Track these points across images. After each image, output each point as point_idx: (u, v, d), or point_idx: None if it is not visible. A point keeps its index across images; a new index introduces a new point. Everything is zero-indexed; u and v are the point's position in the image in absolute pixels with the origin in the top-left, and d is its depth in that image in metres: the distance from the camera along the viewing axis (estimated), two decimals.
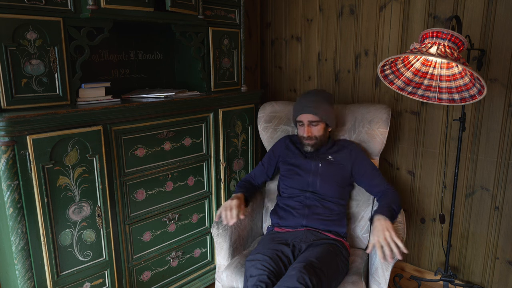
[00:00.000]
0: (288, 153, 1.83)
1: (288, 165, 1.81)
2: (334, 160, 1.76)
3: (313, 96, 1.75)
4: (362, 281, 1.50)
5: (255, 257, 1.48)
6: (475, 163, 1.98)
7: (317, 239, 1.61)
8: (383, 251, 1.37)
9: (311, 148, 1.74)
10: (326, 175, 1.73)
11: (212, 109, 2.00)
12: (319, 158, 1.76)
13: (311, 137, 1.72)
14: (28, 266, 1.43)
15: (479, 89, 1.45)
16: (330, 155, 1.77)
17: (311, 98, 1.73)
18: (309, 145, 1.74)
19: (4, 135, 1.31)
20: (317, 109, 1.69)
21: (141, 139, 1.72)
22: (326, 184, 1.72)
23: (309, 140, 1.73)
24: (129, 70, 2.04)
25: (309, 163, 1.76)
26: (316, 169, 1.74)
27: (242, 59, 2.23)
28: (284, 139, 1.90)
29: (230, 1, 2.11)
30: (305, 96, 1.76)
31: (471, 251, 2.06)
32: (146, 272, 1.85)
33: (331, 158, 1.76)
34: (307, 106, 1.70)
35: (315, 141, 1.73)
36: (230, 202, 1.58)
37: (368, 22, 2.21)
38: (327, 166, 1.74)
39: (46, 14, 1.43)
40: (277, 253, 1.50)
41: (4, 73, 1.36)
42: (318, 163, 1.74)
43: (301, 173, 1.75)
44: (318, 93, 1.77)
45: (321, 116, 1.70)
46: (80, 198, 1.53)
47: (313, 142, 1.73)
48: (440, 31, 1.43)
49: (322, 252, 1.48)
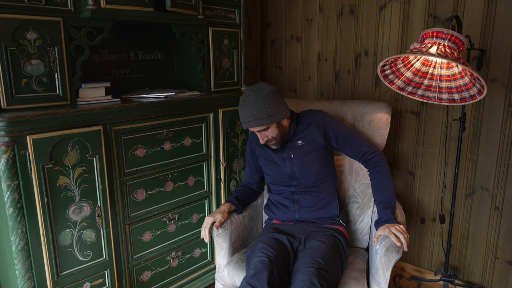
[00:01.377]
0: (260, 149, 1.78)
1: (264, 161, 1.78)
2: (304, 143, 1.68)
3: (250, 104, 1.55)
4: (364, 278, 1.50)
5: (255, 247, 1.52)
6: (475, 163, 1.98)
7: (315, 230, 1.64)
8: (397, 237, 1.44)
9: (276, 146, 1.67)
10: (302, 162, 1.67)
11: (212, 109, 2.00)
12: (288, 147, 1.69)
13: (269, 140, 1.63)
14: (28, 266, 1.43)
15: (479, 89, 1.45)
16: (299, 139, 1.69)
17: (249, 108, 1.55)
18: (272, 145, 1.67)
19: (4, 135, 1.31)
20: (260, 120, 1.54)
21: (141, 139, 1.72)
22: (305, 170, 1.68)
23: (269, 142, 1.65)
24: (129, 70, 2.04)
25: (281, 156, 1.70)
26: (290, 160, 1.69)
27: (242, 59, 2.23)
28: (253, 134, 1.81)
29: (230, 1, 2.11)
30: (243, 105, 1.58)
31: (471, 251, 2.06)
32: (146, 272, 1.85)
33: (301, 142, 1.68)
34: (249, 121, 1.56)
35: (275, 141, 1.64)
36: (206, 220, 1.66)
37: (368, 22, 2.21)
38: (299, 153, 1.68)
39: (46, 14, 1.43)
40: (276, 241, 1.54)
41: (4, 73, 1.36)
42: (289, 154, 1.69)
43: (278, 167, 1.72)
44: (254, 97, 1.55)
45: (266, 123, 1.55)
46: (80, 198, 1.53)
47: (273, 142, 1.65)
48: (440, 31, 1.43)
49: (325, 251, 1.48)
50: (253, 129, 1.60)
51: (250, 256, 1.51)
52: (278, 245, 1.53)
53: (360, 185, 1.85)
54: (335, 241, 1.57)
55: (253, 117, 1.55)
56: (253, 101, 1.55)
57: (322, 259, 1.42)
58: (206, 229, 1.64)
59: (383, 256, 1.43)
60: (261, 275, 1.35)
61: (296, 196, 1.71)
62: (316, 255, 1.44)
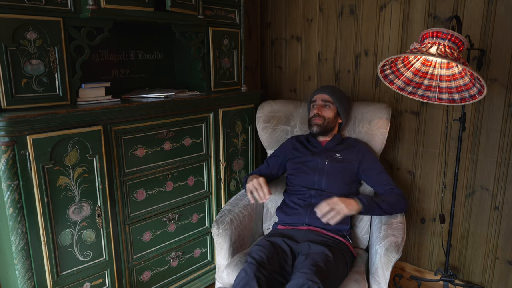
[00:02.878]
0: (296, 153, 1.84)
1: (295, 164, 1.81)
2: (341, 157, 1.75)
3: (333, 86, 1.89)
4: (364, 280, 1.50)
5: (252, 249, 1.53)
6: (475, 163, 1.98)
7: (320, 237, 1.61)
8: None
9: (317, 128, 1.78)
10: (332, 173, 1.72)
11: (212, 109, 2.00)
12: (326, 156, 1.76)
13: (320, 116, 1.77)
14: (28, 266, 1.43)
15: (479, 89, 1.45)
16: (338, 152, 1.77)
17: (331, 87, 1.86)
18: (316, 124, 1.78)
19: (4, 135, 1.31)
20: (333, 93, 1.81)
21: (141, 139, 1.72)
22: (332, 182, 1.71)
23: (318, 118, 1.77)
24: (129, 70, 2.04)
25: (316, 161, 1.76)
26: (322, 167, 1.74)
27: (242, 59, 2.23)
28: (291, 140, 1.92)
29: (230, 1, 2.11)
30: (323, 86, 1.89)
31: (471, 251, 2.06)
32: (146, 272, 1.85)
33: (339, 155, 1.76)
34: (324, 88, 1.83)
35: (322, 121, 1.78)
36: (257, 181, 1.59)
37: (368, 22, 2.21)
38: (333, 164, 1.74)
39: (46, 14, 1.43)
40: (270, 244, 1.54)
41: (4, 73, 1.36)
42: (324, 161, 1.74)
43: (308, 171, 1.75)
44: (338, 88, 1.89)
45: (335, 98, 1.80)
46: (80, 198, 1.53)
47: (320, 122, 1.78)
48: (440, 31, 1.43)
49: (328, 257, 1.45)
50: (322, 95, 1.82)
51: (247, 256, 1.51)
52: (272, 246, 1.51)
53: None
54: (340, 253, 1.55)
55: (331, 89, 1.83)
56: (336, 87, 1.90)
57: (325, 265, 1.40)
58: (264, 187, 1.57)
59: (382, 256, 1.43)
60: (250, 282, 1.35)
61: (313, 200, 1.71)
62: (319, 259, 1.43)
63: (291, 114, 2.07)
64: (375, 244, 1.54)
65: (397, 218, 1.61)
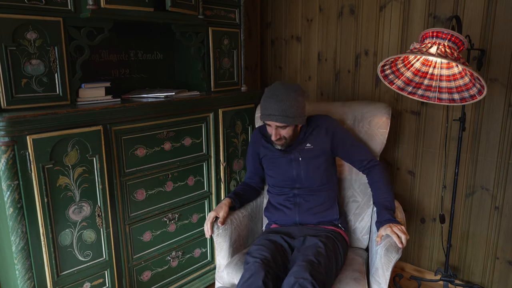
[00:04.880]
0: (265, 151, 1.78)
1: (269, 163, 1.78)
2: (313, 146, 1.69)
3: (279, 100, 1.55)
4: (365, 279, 1.50)
5: (251, 249, 1.54)
6: (475, 163, 1.98)
7: (314, 230, 1.65)
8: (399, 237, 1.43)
9: (282, 146, 1.68)
10: (309, 166, 1.69)
11: (212, 109, 2.00)
12: (298, 150, 1.70)
13: (280, 138, 1.64)
14: (28, 266, 1.43)
15: (479, 89, 1.45)
16: (308, 142, 1.70)
17: (277, 104, 1.55)
18: (279, 144, 1.68)
19: (4, 135, 1.31)
20: (285, 117, 1.56)
21: (141, 139, 1.72)
22: (310, 175, 1.69)
23: (279, 141, 1.66)
24: (129, 70, 2.04)
25: (289, 158, 1.71)
26: (297, 163, 1.70)
27: (242, 59, 2.23)
28: (256, 135, 1.83)
29: (230, 1, 2.11)
30: (271, 98, 1.58)
31: (471, 251, 2.06)
32: (146, 272, 1.85)
33: (309, 145, 1.69)
34: (273, 115, 1.56)
35: (284, 141, 1.65)
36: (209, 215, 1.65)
37: (368, 22, 2.21)
38: (307, 156, 1.69)
39: (46, 14, 1.43)
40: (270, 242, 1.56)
41: (4, 73, 1.36)
42: (297, 156, 1.70)
43: (283, 169, 1.73)
44: (285, 94, 1.57)
45: (289, 122, 1.58)
46: (80, 198, 1.53)
47: (282, 142, 1.65)
48: (440, 31, 1.43)
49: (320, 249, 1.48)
50: (273, 123, 1.60)
51: (246, 256, 1.52)
52: (273, 245, 1.53)
53: (360, 184, 1.85)
54: (333, 241, 1.57)
55: (280, 112, 1.56)
56: (283, 97, 1.56)
57: (316, 257, 1.42)
58: (209, 223, 1.63)
59: (383, 256, 1.43)
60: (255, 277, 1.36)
61: (298, 199, 1.71)
62: (309, 253, 1.45)
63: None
64: (375, 244, 1.54)
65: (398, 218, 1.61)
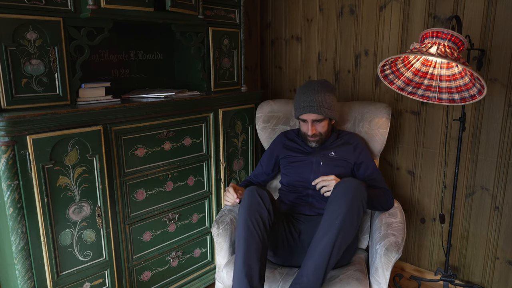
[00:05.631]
0: (287, 152, 1.82)
1: (288, 163, 1.80)
2: (336, 156, 1.74)
3: (315, 92, 1.65)
4: (366, 278, 1.50)
5: None
6: (475, 163, 1.98)
7: None
8: None
9: (316, 144, 1.74)
10: (329, 172, 1.71)
11: (212, 109, 2.00)
12: (321, 155, 1.74)
13: (316, 134, 1.71)
14: (28, 266, 1.43)
15: (479, 89, 1.45)
16: (333, 150, 1.75)
17: (314, 96, 1.64)
18: (314, 141, 1.73)
19: (4, 135, 1.31)
20: (321, 108, 1.64)
21: (141, 139, 1.72)
22: None
23: (314, 137, 1.72)
24: (129, 70, 2.04)
25: (310, 160, 1.75)
26: (317, 167, 1.73)
27: (242, 59, 2.23)
28: (280, 138, 1.89)
29: (230, 1, 2.11)
30: (306, 92, 1.67)
31: (471, 251, 2.06)
32: (146, 272, 1.85)
33: (334, 154, 1.74)
34: (310, 106, 1.64)
35: (319, 137, 1.72)
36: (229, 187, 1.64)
37: (368, 22, 2.21)
38: (328, 163, 1.72)
39: (46, 14, 1.43)
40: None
41: (4, 73, 1.36)
42: (319, 161, 1.73)
43: (302, 171, 1.75)
44: (320, 87, 1.68)
45: (326, 114, 1.66)
46: (80, 198, 1.53)
47: (317, 139, 1.73)
48: (440, 31, 1.43)
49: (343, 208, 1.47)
50: (309, 116, 1.66)
51: None
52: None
53: None
54: None
55: (317, 104, 1.62)
56: (319, 89, 1.65)
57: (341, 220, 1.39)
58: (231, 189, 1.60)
59: (382, 256, 1.43)
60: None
61: (310, 199, 1.72)
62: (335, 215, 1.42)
63: (290, 114, 2.06)
64: (375, 244, 1.54)
65: (397, 218, 1.61)
